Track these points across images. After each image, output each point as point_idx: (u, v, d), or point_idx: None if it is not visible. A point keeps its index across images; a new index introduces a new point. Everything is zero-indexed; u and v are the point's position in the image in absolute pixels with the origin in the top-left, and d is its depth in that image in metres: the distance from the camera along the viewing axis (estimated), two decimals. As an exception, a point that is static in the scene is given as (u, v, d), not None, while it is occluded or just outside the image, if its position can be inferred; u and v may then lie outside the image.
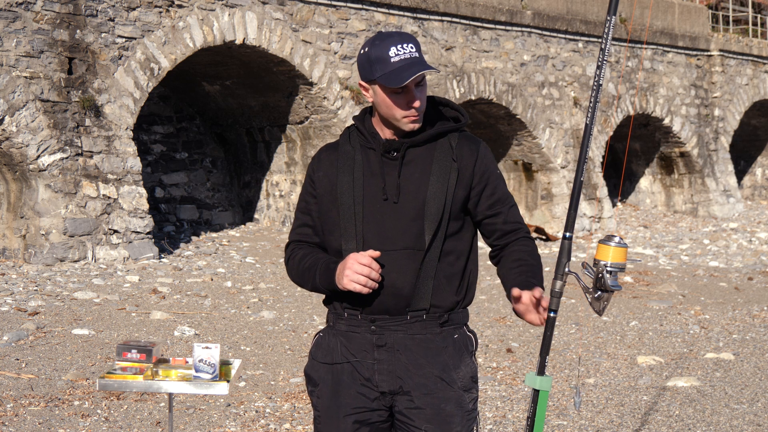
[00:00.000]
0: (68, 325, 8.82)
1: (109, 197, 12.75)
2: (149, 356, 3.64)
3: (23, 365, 7.35)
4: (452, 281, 3.13)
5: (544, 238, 18.32)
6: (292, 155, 16.81)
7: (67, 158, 12.45)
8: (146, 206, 13.09)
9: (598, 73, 3.03)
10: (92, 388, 6.71)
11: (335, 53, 15.79)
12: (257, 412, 6.38)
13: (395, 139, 3.13)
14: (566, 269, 3.04)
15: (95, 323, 8.95)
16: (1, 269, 11.76)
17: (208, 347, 3.59)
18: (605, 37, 3.04)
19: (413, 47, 3.06)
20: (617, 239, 2.99)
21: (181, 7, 13.92)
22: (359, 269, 3.00)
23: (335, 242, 3.15)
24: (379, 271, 3.02)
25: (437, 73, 3.51)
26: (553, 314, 3.01)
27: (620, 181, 23.52)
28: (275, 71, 15.47)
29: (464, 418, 3.13)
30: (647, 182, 23.64)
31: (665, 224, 21.72)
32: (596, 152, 20.26)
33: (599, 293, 3.00)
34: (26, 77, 12.26)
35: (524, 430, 3.23)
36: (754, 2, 27.39)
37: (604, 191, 19.92)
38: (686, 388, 7.23)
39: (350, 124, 3.88)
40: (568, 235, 3.02)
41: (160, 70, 13.72)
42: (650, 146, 23.07)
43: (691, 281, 13.30)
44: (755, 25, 26.64)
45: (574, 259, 15.18)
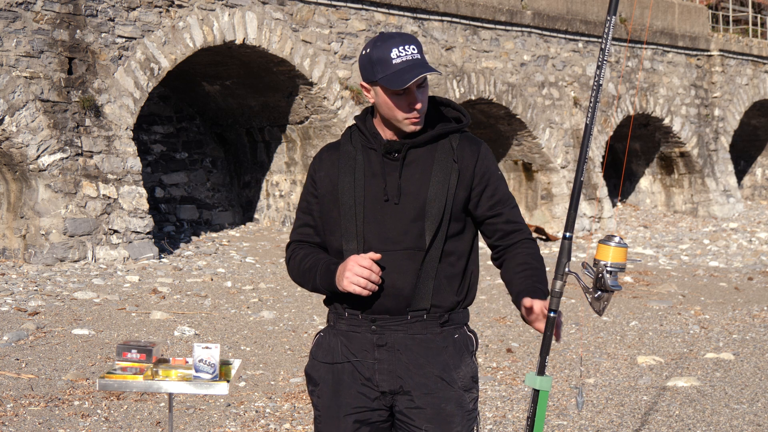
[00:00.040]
0: (68, 325, 8.82)
1: (109, 197, 12.74)
2: (149, 356, 3.64)
3: (23, 365, 7.35)
4: (453, 281, 3.13)
5: (544, 238, 18.32)
6: (292, 155, 16.81)
7: (67, 158, 12.45)
8: (146, 206, 13.09)
9: (598, 73, 3.03)
10: (92, 388, 6.71)
11: (335, 53, 15.79)
12: (257, 412, 6.38)
13: (396, 139, 3.14)
14: (566, 269, 3.04)
15: (95, 323, 8.95)
16: (1, 269, 11.75)
17: (208, 347, 3.59)
18: (605, 37, 3.04)
19: (415, 49, 3.06)
20: (617, 239, 2.99)
21: (181, 7, 13.92)
22: (359, 271, 3.00)
23: (336, 242, 3.15)
24: (379, 273, 3.03)
25: (439, 75, 3.51)
26: (553, 314, 3.01)
27: (620, 181, 23.51)
28: (275, 71, 15.47)
29: (464, 417, 3.13)
30: (647, 182, 23.64)
31: (665, 224, 21.72)
32: (596, 152, 20.26)
33: (599, 293, 3.00)
34: (26, 77, 12.26)
35: (524, 430, 3.23)
36: (754, 2, 27.39)
37: (604, 191, 19.92)
38: (686, 388, 7.23)
39: (351, 124, 3.87)
40: (568, 235, 3.02)
41: (160, 70, 13.72)
42: (650, 146, 23.07)
43: (691, 281, 13.30)
44: (755, 25, 26.64)
45: (574, 259, 15.17)
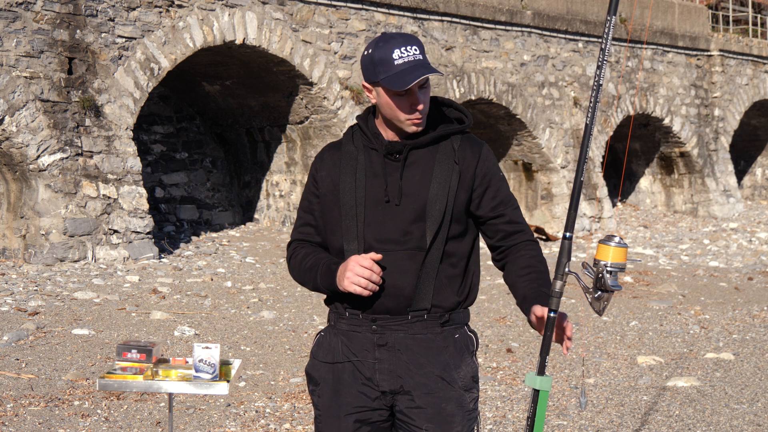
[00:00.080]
0: (68, 325, 8.82)
1: (109, 197, 12.74)
2: (149, 356, 3.64)
3: (23, 365, 7.35)
4: (454, 282, 3.13)
5: (544, 238, 18.33)
6: (292, 155, 16.80)
7: (67, 158, 12.45)
8: (146, 206, 13.08)
9: (598, 73, 3.02)
10: (92, 388, 6.71)
11: (335, 53, 15.79)
12: (257, 412, 6.38)
13: (398, 140, 3.13)
14: (566, 269, 3.04)
15: (95, 323, 8.95)
16: (1, 269, 11.75)
17: (208, 347, 3.59)
18: (605, 37, 3.03)
19: (417, 49, 3.05)
20: (617, 239, 2.99)
21: (181, 7, 13.92)
22: (360, 272, 3.00)
23: (337, 242, 3.15)
24: (380, 273, 3.03)
25: (441, 76, 3.52)
26: (553, 314, 3.01)
27: (620, 181, 23.51)
28: (275, 71, 15.47)
29: (465, 417, 3.13)
30: (647, 182, 23.63)
31: (665, 224, 21.71)
32: (596, 152, 20.26)
33: (599, 293, 2.99)
34: (26, 77, 12.25)
35: (524, 430, 3.23)
36: (754, 2, 27.38)
37: (604, 191, 19.92)
38: (686, 388, 7.23)
39: (352, 123, 3.87)
40: (568, 235, 3.02)
41: (160, 70, 13.72)
42: (650, 146, 23.07)
43: (691, 281, 13.30)
44: (755, 25, 26.63)
45: (574, 259, 15.17)
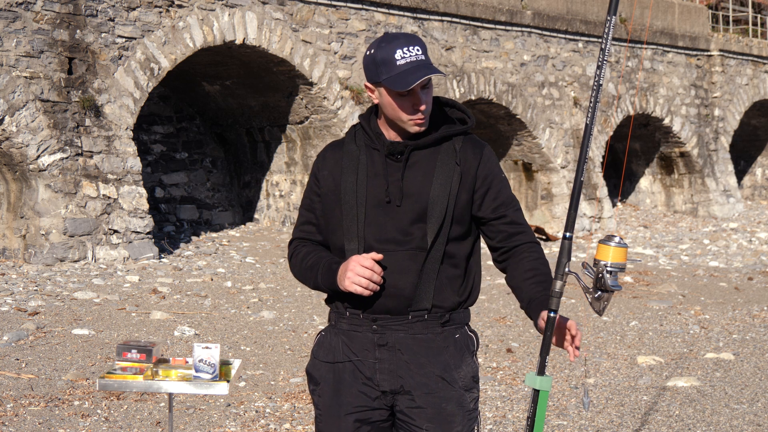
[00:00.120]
0: (68, 325, 8.82)
1: (109, 197, 12.74)
2: (149, 356, 3.64)
3: (23, 365, 7.35)
4: (454, 282, 3.13)
5: (544, 238, 18.32)
6: (292, 155, 16.80)
7: (67, 158, 12.45)
8: (146, 206, 13.08)
9: (598, 73, 3.02)
10: (92, 388, 6.71)
11: (335, 53, 15.79)
12: (257, 412, 6.38)
13: (400, 140, 3.13)
14: (566, 269, 3.04)
15: (95, 323, 8.95)
16: (1, 269, 11.75)
17: (208, 347, 3.59)
18: (605, 37, 3.03)
19: (419, 50, 3.05)
20: (617, 239, 2.99)
21: (181, 7, 13.92)
22: (361, 271, 3.00)
23: (338, 241, 3.15)
24: (381, 273, 3.03)
25: (444, 77, 3.51)
26: (553, 314, 3.01)
27: (620, 181, 23.51)
28: (275, 71, 15.47)
29: (465, 417, 3.13)
30: (647, 182, 23.63)
31: (665, 224, 21.71)
32: (596, 152, 20.26)
33: (599, 293, 2.99)
34: (26, 77, 12.25)
35: (524, 430, 3.23)
36: (754, 2, 27.38)
37: (604, 191, 19.92)
38: (686, 388, 7.23)
39: (352, 123, 3.86)
40: (568, 235, 3.02)
41: (160, 70, 13.72)
42: (650, 146, 23.07)
43: (691, 281, 13.30)
44: (755, 25, 26.63)
45: (574, 259, 15.17)
